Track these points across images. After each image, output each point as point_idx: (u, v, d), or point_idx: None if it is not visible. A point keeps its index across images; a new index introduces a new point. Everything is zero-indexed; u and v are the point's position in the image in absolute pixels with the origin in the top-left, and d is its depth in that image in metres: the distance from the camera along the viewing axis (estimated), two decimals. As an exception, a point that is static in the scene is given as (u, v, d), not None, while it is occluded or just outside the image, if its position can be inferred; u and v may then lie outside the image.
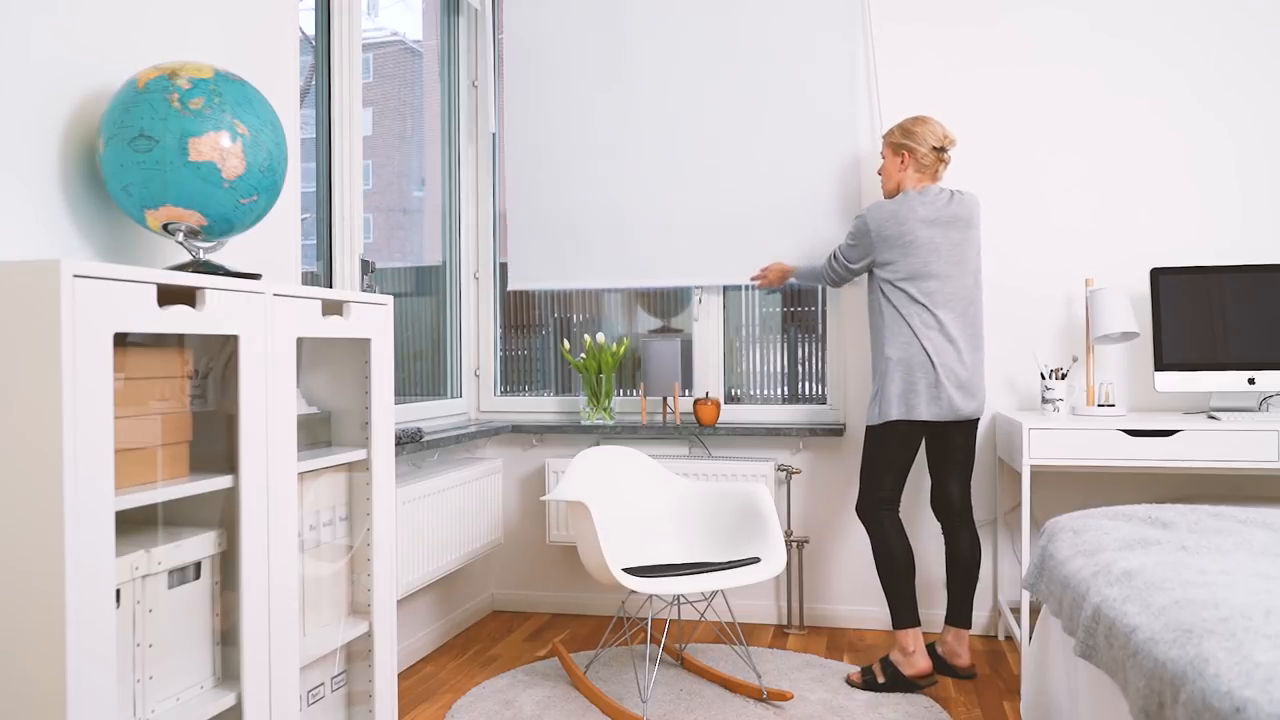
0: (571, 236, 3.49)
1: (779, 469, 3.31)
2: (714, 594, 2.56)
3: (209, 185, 1.58)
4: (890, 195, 2.84)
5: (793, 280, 3.13)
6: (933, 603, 3.25)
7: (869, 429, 2.73)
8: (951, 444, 2.76)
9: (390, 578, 2.04)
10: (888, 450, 2.70)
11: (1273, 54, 3.02)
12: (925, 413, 2.61)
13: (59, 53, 1.66)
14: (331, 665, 2.01)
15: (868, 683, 2.66)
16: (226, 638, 1.63)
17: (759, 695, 2.60)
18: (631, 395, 3.59)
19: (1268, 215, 3.03)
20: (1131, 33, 3.11)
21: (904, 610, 2.66)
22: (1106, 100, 3.12)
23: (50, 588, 1.24)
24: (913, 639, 2.64)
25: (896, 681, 2.64)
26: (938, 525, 3.18)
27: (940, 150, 2.75)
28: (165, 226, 1.62)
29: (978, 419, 2.73)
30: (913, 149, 2.75)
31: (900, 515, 2.87)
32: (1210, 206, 3.07)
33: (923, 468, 3.23)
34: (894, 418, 2.64)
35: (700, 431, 3.26)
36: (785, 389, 3.55)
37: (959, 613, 2.76)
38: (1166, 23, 3.08)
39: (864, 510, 2.74)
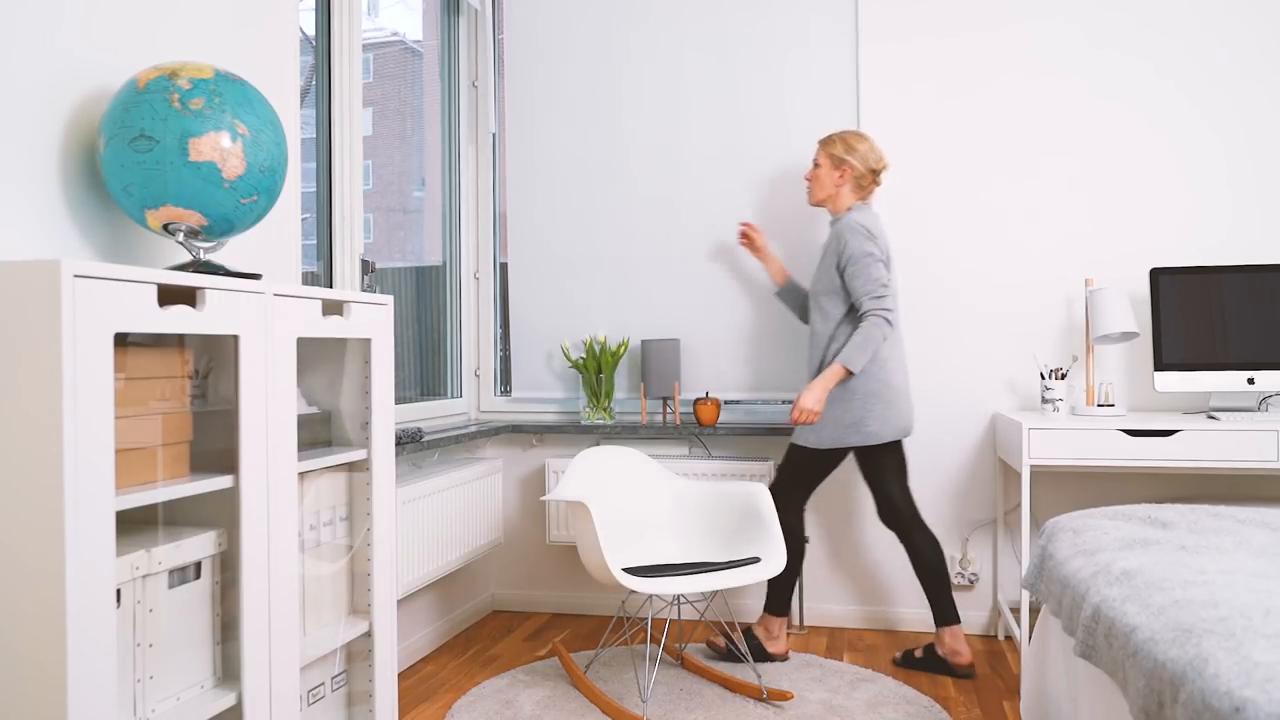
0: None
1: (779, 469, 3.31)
2: (714, 594, 2.56)
3: (209, 185, 1.58)
4: (818, 204, 2.86)
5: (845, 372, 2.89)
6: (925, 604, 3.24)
7: (868, 449, 2.79)
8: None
9: (390, 578, 2.04)
10: (892, 460, 2.81)
11: (1267, 59, 3.02)
12: (905, 427, 2.75)
13: (59, 53, 1.66)
14: (331, 665, 2.01)
15: (910, 659, 2.82)
16: (226, 638, 1.63)
17: (759, 695, 2.60)
18: (632, 396, 3.58)
19: (1266, 215, 3.03)
20: (1124, 38, 3.11)
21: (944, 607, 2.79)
22: (1104, 102, 3.12)
23: (50, 588, 1.24)
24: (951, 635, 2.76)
25: (939, 667, 2.77)
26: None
27: (875, 173, 2.78)
28: (165, 226, 1.62)
29: None
30: (853, 166, 2.76)
31: (902, 521, 2.88)
32: (1209, 207, 3.07)
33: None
34: (892, 437, 2.75)
35: (700, 431, 3.26)
36: (785, 389, 3.54)
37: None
38: (1158, 28, 3.08)
39: (895, 522, 2.84)
